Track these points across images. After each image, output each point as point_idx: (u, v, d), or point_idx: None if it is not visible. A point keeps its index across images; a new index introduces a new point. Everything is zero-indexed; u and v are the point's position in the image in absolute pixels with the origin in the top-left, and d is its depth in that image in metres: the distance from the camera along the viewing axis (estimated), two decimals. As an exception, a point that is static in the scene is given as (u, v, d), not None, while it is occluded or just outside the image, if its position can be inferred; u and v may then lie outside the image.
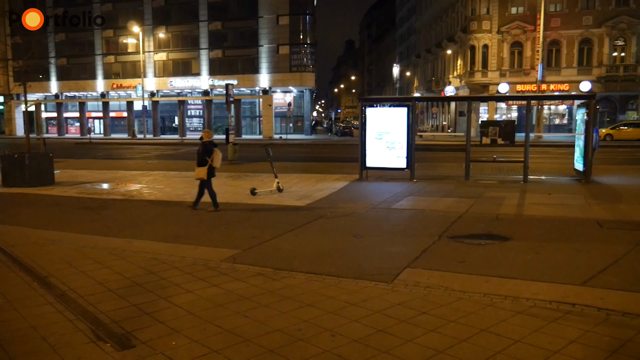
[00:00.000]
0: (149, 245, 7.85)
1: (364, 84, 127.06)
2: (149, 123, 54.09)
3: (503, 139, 14.83)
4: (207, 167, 10.52)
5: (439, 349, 4.16)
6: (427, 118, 63.70)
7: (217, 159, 10.66)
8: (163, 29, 53.16)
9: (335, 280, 6.00)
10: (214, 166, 10.66)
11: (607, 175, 15.53)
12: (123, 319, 4.86)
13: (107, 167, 20.55)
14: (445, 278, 6.06)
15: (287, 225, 9.13)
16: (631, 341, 4.26)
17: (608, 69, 41.50)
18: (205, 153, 10.58)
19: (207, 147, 10.62)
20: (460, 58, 48.33)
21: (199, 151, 10.71)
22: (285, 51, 50.82)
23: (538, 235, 8.21)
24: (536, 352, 4.08)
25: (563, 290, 5.53)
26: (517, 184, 14.10)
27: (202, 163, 10.56)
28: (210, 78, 52.29)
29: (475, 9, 44.29)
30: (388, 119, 15.28)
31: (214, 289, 5.75)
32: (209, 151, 10.58)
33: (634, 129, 37.02)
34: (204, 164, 10.53)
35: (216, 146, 10.77)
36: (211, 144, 10.69)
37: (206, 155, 10.56)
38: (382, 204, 11.30)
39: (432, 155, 20.62)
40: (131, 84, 53.73)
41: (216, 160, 10.65)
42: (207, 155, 10.55)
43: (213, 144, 10.73)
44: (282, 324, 4.72)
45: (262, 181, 14.96)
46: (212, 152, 10.58)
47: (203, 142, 10.74)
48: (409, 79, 73.84)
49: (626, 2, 41.05)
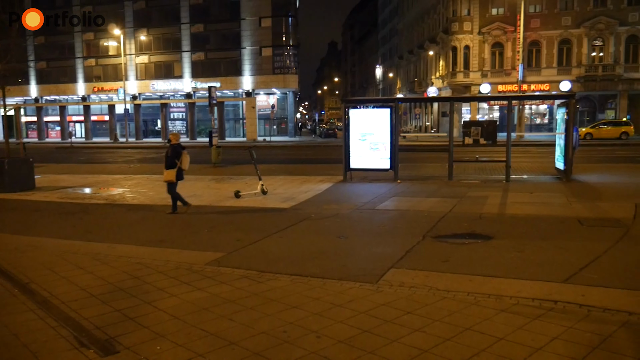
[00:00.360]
0: (132, 250, 7.78)
1: (347, 85, 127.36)
2: (131, 126, 53.66)
3: (485, 139, 14.97)
4: (176, 169, 10.50)
5: (424, 348, 4.19)
6: (411, 119, 64.06)
7: (185, 161, 10.65)
8: (144, 32, 52.76)
9: (320, 281, 6.00)
10: (183, 168, 10.65)
11: (587, 173, 15.76)
12: (106, 325, 4.81)
13: (89, 172, 20.33)
14: (430, 278, 6.10)
15: (272, 227, 9.12)
16: (612, 337, 4.33)
17: (587, 69, 42.11)
18: (174, 156, 10.56)
19: (176, 149, 10.60)
20: (442, 59, 48.70)
21: (167, 154, 10.69)
22: (268, 53, 50.74)
23: (520, 234, 8.30)
24: (520, 349, 4.13)
25: (545, 288, 5.59)
26: (500, 184, 14.24)
27: (171, 166, 10.55)
28: (193, 81, 51.99)
29: (456, 10, 44.67)
30: (371, 120, 15.34)
31: (199, 292, 5.72)
32: (177, 154, 10.57)
33: (613, 127, 37.66)
34: (173, 167, 10.52)
35: (184, 149, 10.76)
36: (179, 147, 10.68)
37: (175, 157, 10.54)
38: (367, 205, 11.34)
39: (416, 155, 20.75)
40: (113, 87, 53.19)
41: (185, 163, 10.64)
42: (176, 158, 10.54)
43: (181, 147, 10.72)
44: (268, 326, 4.71)
45: (246, 184, 14.92)
46: (180, 155, 10.57)
47: (172, 145, 10.73)
48: (392, 80, 74.19)
49: (604, 3, 41.73)
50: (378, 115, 15.41)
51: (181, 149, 10.68)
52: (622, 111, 42.27)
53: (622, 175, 15.72)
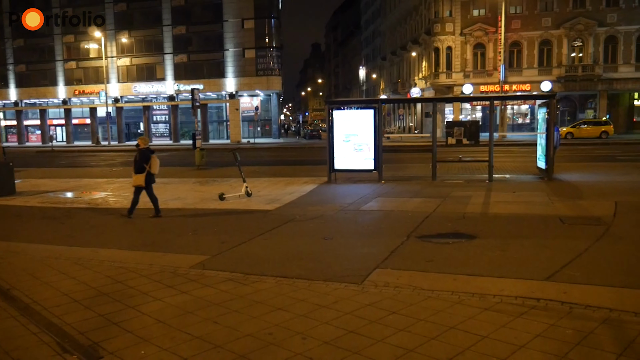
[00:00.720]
0: (115, 254, 7.71)
1: (330, 86, 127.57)
2: (113, 129, 53.14)
3: (468, 139, 15.11)
4: (145, 174, 10.41)
5: (409, 347, 4.21)
6: (394, 119, 64.35)
7: (155, 165, 10.56)
8: (126, 34, 52.30)
9: (305, 283, 6.00)
10: (152, 172, 10.57)
11: (568, 172, 15.97)
12: (90, 330, 4.76)
13: (70, 176, 20.09)
14: (414, 277, 6.13)
15: (257, 229, 9.10)
16: (593, 333, 4.39)
17: (567, 69, 42.70)
18: (142, 160, 10.47)
19: (144, 153, 10.52)
20: (425, 60, 49.01)
21: (135, 158, 10.60)
22: (251, 55, 50.64)
23: (503, 233, 8.39)
24: (503, 347, 4.17)
25: (528, 286, 5.66)
26: (483, 183, 14.37)
27: (139, 170, 10.46)
28: (176, 83, 51.68)
29: (438, 12, 45.01)
30: (355, 121, 15.38)
31: (183, 296, 5.69)
32: (146, 158, 10.48)
33: (594, 127, 38.23)
34: (142, 171, 10.43)
35: (153, 153, 10.68)
36: (148, 151, 10.59)
37: (143, 162, 10.45)
38: (351, 206, 11.37)
39: (400, 156, 20.87)
40: (94, 90, 52.65)
41: (154, 167, 10.55)
42: (144, 162, 10.45)
43: (150, 151, 10.63)
44: (253, 328, 4.70)
45: (231, 186, 14.87)
46: (149, 159, 10.48)
47: (140, 149, 10.60)
48: (375, 81, 74.48)
49: (583, 4, 42.33)
50: (362, 116, 15.46)
51: (150, 152, 10.58)
52: (601, 111, 42.92)
53: (602, 174, 15.97)
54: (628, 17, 41.50)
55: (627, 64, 42.17)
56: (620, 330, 4.45)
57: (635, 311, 4.82)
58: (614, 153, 24.99)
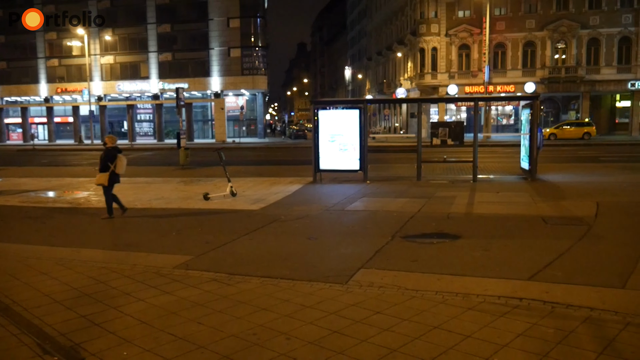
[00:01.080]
0: (98, 254, 7.63)
1: (316, 86, 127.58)
2: (96, 128, 52.57)
3: (453, 139, 15.20)
4: (109, 173, 10.29)
5: (393, 347, 4.22)
6: (380, 120, 64.55)
7: (120, 165, 10.42)
8: (109, 32, 51.73)
9: (290, 283, 5.99)
10: (117, 172, 10.43)
11: (551, 173, 16.14)
12: (71, 331, 4.70)
13: (52, 175, 19.83)
14: (399, 277, 6.15)
15: (241, 229, 9.06)
16: (574, 332, 4.44)
17: (551, 71, 43.16)
18: (107, 159, 10.35)
19: (110, 152, 10.39)
20: (411, 60, 49.23)
21: (101, 157, 10.47)
22: (237, 54, 50.45)
23: (487, 233, 8.45)
24: (486, 346, 4.20)
25: (511, 286, 5.71)
26: (467, 184, 14.47)
27: (104, 169, 10.33)
28: (160, 82, 51.31)
29: (424, 13, 45.23)
30: (340, 121, 15.39)
31: (167, 296, 5.64)
32: (111, 157, 10.35)
33: (576, 128, 38.72)
34: (106, 170, 10.30)
35: (120, 152, 10.55)
36: (115, 150, 10.46)
37: (108, 161, 10.33)
38: (336, 206, 11.37)
39: (385, 156, 20.94)
40: (77, 88, 52.04)
41: (119, 167, 10.41)
42: (109, 161, 10.32)
43: (117, 150, 10.50)
44: (237, 329, 4.68)
45: (215, 185, 14.79)
46: (115, 158, 10.36)
47: (106, 148, 10.49)
48: (361, 81, 74.65)
49: (566, 6, 42.82)
50: (347, 116, 15.48)
51: (117, 152, 10.45)
52: (584, 112, 43.47)
53: (584, 174, 16.17)
54: (610, 19, 42.09)
55: (609, 66, 42.76)
56: (601, 329, 4.51)
57: (616, 310, 4.89)
58: (597, 154, 25.32)
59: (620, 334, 4.39)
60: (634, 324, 4.57)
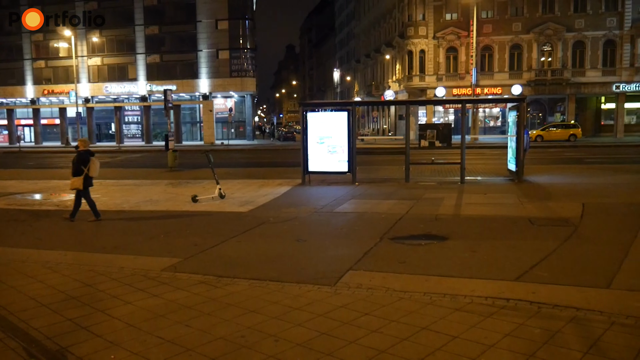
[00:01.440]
0: (85, 257, 7.58)
1: (305, 88, 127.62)
2: (83, 130, 52.10)
3: (440, 141, 15.29)
4: (83, 176, 10.21)
5: (381, 348, 4.24)
6: (368, 122, 64.69)
7: (94, 168, 10.35)
8: (97, 33, 51.32)
9: (278, 285, 5.99)
10: (91, 175, 10.36)
11: (538, 174, 16.28)
12: (57, 335, 4.66)
13: (38, 177, 19.64)
14: (387, 279, 6.17)
15: (230, 231, 9.04)
16: (560, 332, 4.49)
17: (537, 73, 43.52)
18: (80, 162, 10.26)
19: (83, 156, 10.30)
20: (399, 63, 49.40)
21: (74, 160, 10.37)
22: (225, 56, 50.32)
23: (474, 234, 8.51)
24: (473, 347, 4.23)
25: (498, 286, 5.76)
26: (455, 185, 14.55)
27: (77, 172, 10.24)
28: (148, 83, 51.01)
29: (412, 15, 45.42)
30: (329, 123, 15.41)
31: (155, 299, 5.62)
32: (84, 160, 10.27)
33: (562, 130, 39.10)
34: (80, 174, 10.21)
35: (93, 155, 10.48)
36: (88, 153, 10.38)
37: (82, 164, 10.24)
38: (325, 208, 11.38)
39: (373, 158, 20.99)
40: (64, 89, 51.55)
41: (93, 170, 10.34)
42: (82, 165, 10.24)
43: (90, 153, 10.43)
44: (225, 331, 4.67)
45: (204, 188, 14.74)
46: (88, 161, 10.28)
47: (79, 151, 10.40)
48: (349, 83, 74.77)
49: (552, 9, 43.24)
50: (336, 118, 15.50)
51: (90, 155, 10.36)
52: (570, 114, 43.89)
53: (570, 176, 16.32)
54: (595, 23, 42.55)
55: (594, 69, 43.22)
56: (586, 328, 4.56)
57: (601, 310, 4.95)
58: (582, 155, 25.58)
59: (605, 333, 4.44)
60: (618, 324, 4.63)
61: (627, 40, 42.26)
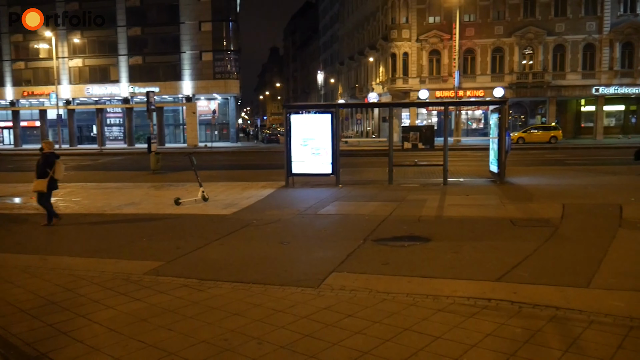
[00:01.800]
0: (65, 261, 7.48)
1: (289, 90, 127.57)
2: (64, 132, 51.49)
3: (423, 143, 15.38)
4: (48, 179, 10.06)
5: (364, 350, 4.25)
6: (352, 124, 64.85)
7: (59, 170, 10.22)
8: (78, 34, 50.74)
9: (261, 288, 5.98)
10: (56, 178, 10.23)
11: (519, 176, 16.46)
12: (37, 341, 4.60)
13: (18, 180, 19.32)
14: (370, 280, 6.19)
15: (213, 234, 9.00)
16: (541, 331, 4.55)
17: (518, 76, 44.01)
18: (45, 165, 10.11)
19: (48, 158, 10.16)
20: (382, 65, 49.62)
21: (38, 163, 10.22)
22: (209, 58, 50.09)
23: (457, 235, 8.58)
24: (455, 346, 4.26)
25: (480, 287, 5.81)
26: (438, 187, 14.65)
27: (42, 175, 10.08)
28: (131, 85, 50.57)
29: (395, 18, 45.66)
30: (313, 125, 15.42)
31: (137, 303, 5.57)
32: (49, 163, 10.13)
33: (543, 132, 39.60)
34: (44, 176, 10.06)
35: (58, 157, 10.33)
36: (53, 155, 10.24)
37: (47, 167, 10.09)
38: (309, 210, 11.39)
39: (357, 160, 21.04)
40: (44, 91, 50.86)
41: (58, 172, 10.21)
42: (47, 167, 10.09)
43: (55, 155, 10.29)
44: (208, 335, 4.65)
45: (187, 190, 14.65)
46: (53, 164, 10.14)
47: (43, 154, 10.23)
48: (333, 85, 74.89)
49: (533, 13, 43.79)
50: (319, 120, 15.51)
51: (55, 157, 10.22)
52: (551, 116, 44.46)
53: (551, 177, 16.54)
54: (575, 27, 43.19)
55: (574, 72, 43.83)
56: (566, 327, 4.63)
57: (580, 309, 5.02)
58: (563, 157, 25.93)
59: (585, 332, 4.51)
60: (597, 322, 4.71)
61: (606, 44, 42.97)
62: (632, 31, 42.52)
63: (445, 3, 42.14)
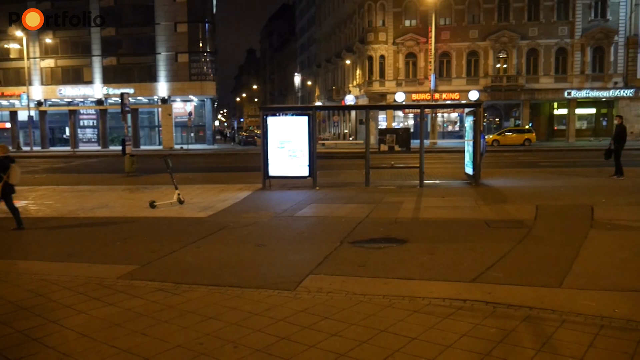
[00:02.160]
0: (36, 266, 7.32)
1: (266, 92, 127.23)
2: (36, 134, 50.48)
3: (400, 145, 15.49)
4: (2, 183, 9.77)
5: (341, 352, 4.25)
6: (329, 126, 64.98)
7: (14, 175, 9.90)
8: (50, 34, 49.79)
9: (238, 291, 5.94)
10: (11, 183, 9.90)
11: (494, 178, 16.69)
12: (7, 347, 4.49)
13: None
14: (347, 282, 6.20)
15: (189, 237, 8.91)
16: (515, 331, 4.61)
17: (493, 79, 44.67)
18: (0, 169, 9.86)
19: (3, 162, 9.85)
20: (359, 68, 49.86)
21: None
22: (185, 59, 49.67)
23: (433, 237, 8.65)
24: (431, 347, 4.29)
25: (455, 288, 5.86)
26: (414, 189, 14.75)
27: None
28: (105, 86, 49.84)
29: (372, 21, 45.95)
30: (289, 127, 15.40)
31: (110, 308, 5.47)
32: (4, 167, 9.82)
33: (517, 134, 40.28)
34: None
35: (14, 162, 10.01)
36: (7, 159, 9.93)
37: (1, 171, 9.78)
38: (285, 213, 11.36)
39: (334, 162, 21.07)
40: (15, 92, 49.74)
41: (13, 177, 9.88)
42: (1, 172, 9.78)
43: (10, 159, 9.97)
44: (183, 339, 4.59)
45: (162, 193, 14.48)
46: (8, 168, 9.84)
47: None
48: (310, 87, 74.97)
49: (507, 18, 44.50)
50: (296, 122, 15.50)
51: (9, 161, 9.90)
52: (525, 119, 45.23)
53: (525, 179, 16.81)
54: (548, 31, 44.03)
55: (547, 76, 44.67)
56: (539, 327, 4.70)
57: (553, 309, 5.11)
58: (536, 159, 26.38)
59: (557, 331, 4.59)
60: (569, 321, 4.79)
61: (578, 48, 43.90)
62: (602, 36, 43.52)
63: (421, 7, 42.61)
